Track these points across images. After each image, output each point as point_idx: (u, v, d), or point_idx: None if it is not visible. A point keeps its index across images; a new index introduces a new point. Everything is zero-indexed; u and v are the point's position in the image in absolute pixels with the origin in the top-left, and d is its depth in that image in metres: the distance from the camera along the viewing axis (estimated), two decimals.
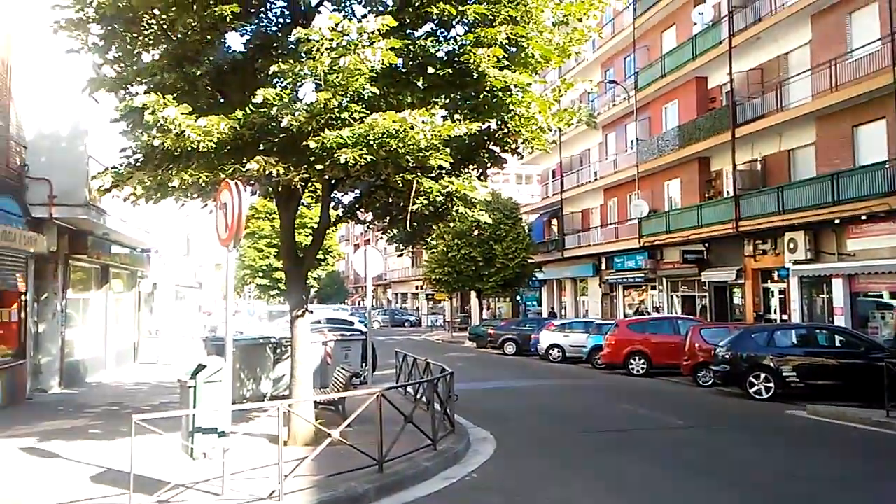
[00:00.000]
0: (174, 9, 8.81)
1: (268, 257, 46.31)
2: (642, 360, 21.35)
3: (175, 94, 8.88)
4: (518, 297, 44.09)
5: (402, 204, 9.79)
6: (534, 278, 40.28)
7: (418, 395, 12.08)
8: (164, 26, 9.52)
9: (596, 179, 36.28)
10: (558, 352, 26.77)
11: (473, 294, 44.09)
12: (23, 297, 14.89)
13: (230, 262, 7.77)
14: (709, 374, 17.81)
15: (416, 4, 9.11)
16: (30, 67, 15.05)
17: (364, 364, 15.52)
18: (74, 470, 8.46)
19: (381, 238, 13.00)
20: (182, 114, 8.18)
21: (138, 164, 10.06)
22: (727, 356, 16.37)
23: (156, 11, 9.25)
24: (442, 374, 11.15)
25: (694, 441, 11.10)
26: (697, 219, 26.26)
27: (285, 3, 10.09)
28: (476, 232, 35.77)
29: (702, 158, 27.35)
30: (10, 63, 14.24)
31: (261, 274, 47.41)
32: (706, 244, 26.76)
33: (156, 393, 16.00)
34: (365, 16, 9.67)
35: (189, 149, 8.32)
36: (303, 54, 8.41)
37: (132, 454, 6.48)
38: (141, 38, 9.89)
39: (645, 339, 21.60)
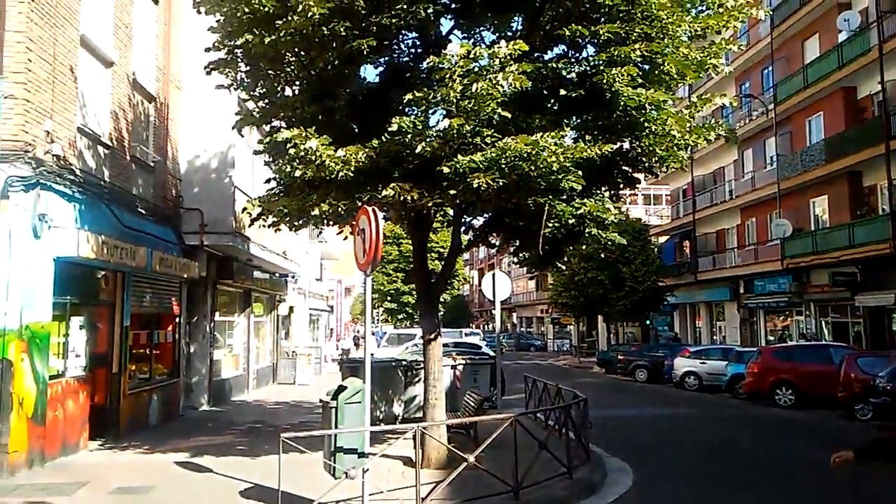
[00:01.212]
0: (315, 46, 9.26)
1: (395, 281, 47.45)
2: (789, 391, 19.93)
3: (314, 127, 9.30)
4: (648, 322, 42.62)
5: (533, 227, 9.72)
6: (665, 302, 38.84)
7: (549, 422, 11.86)
8: (305, 62, 10.02)
9: (732, 199, 34.61)
10: (694, 379, 25.55)
11: (601, 318, 43.07)
12: (177, 320, 16.02)
13: (368, 286, 7.98)
14: (867, 407, 16.37)
15: (547, 27, 9.10)
16: (180, 103, 16.35)
17: (493, 388, 15.46)
18: (225, 484, 8.94)
19: (513, 263, 12.95)
20: (322, 145, 8.56)
21: (281, 193, 10.62)
22: (889, 387, 14.98)
23: (298, 49, 9.77)
24: (575, 400, 10.89)
25: (856, 482, 10.18)
26: (849, 238, 24.39)
27: (417, 35, 10.37)
28: (603, 254, 35.01)
29: (852, 173, 25.43)
30: (167, 101, 15.49)
31: (389, 298, 48.60)
32: (859, 266, 24.74)
33: (294, 412, 16.67)
34: (494, 41, 9.77)
35: (329, 178, 8.68)
36: (434, 82, 8.60)
37: (280, 471, 6.75)
38: (283, 74, 10.47)
39: (792, 368, 20.15)
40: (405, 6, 8.76)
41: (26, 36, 9.70)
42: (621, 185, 10.81)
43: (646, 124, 9.06)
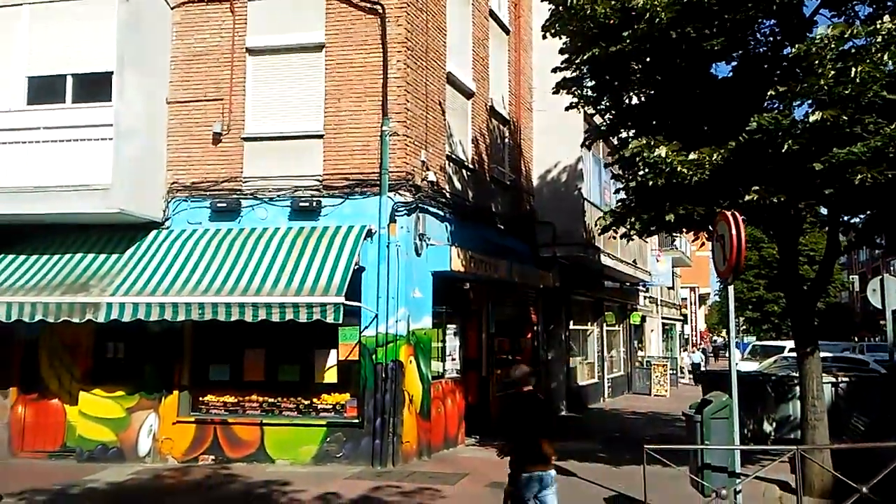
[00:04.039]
0: (662, 51, 9.07)
1: (756, 289, 43.94)
2: None
3: (662, 133, 9.09)
4: None
5: None
6: None
7: None
8: (652, 68, 9.87)
9: None
10: None
11: None
12: (535, 328, 16.93)
13: (730, 295, 7.51)
14: None
15: None
16: (531, 123, 17.31)
17: (889, 412, 13.32)
18: (589, 489, 9.16)
19: None
20: (672, 151, 8.33)
21: (632, 203, 10.57)
22: None
23: (644, 56, 9.66)
24: None
25: None
26: None
27: (775, 21, 9.52)
28: None
29: None
30: (520, 123, 16.53)
31: (750, 307, 45.18)
32: None
33: (652, 423, 16.41)
34: (872, 14, 8.55)
35: (682, 183, 8.40)
36: (800, 71, 7.81)
37: (644, 482, 6.68)
38: (628, 83, 10.45)
39: None
40: None
41: (404, 80, 11.16)
42: None
43: None
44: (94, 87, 10.82)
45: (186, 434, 11.09)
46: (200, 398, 11.33)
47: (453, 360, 12.89)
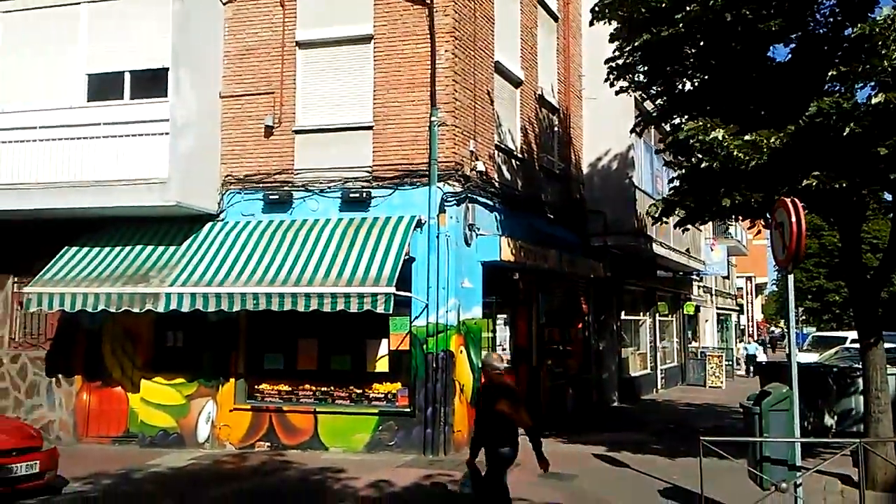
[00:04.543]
0: (717, 34, 8.84)
1: (816, 278, 42.63)
2: None
3: (718, 118, 8.87)
4: None
5: None
6: None
7: None
8: (705, 52, 9.64)
9: None
10: None
11: None
12: (586, 318, 16.77)
13: (789, 284, 7.30)
14: None
15: None
16: (580, 111, 17.08)
17: None
18: (642, 481, 9.06)
19: None
20: (728, 134, 8.14)
21: (685, 189, 10.36)
22: None
23: (698, 39, 9.43)
24: None
25: None
26: None
27: (834, 1, 9.18)
28: None
29: None
30: (569, 111, 16.32)
31: (809, 297, 43.87)
32: None
33: (706, 415, 16.13)
34: None
35: (738, 168, 8.19)
36: (862, 53, 7.53)
37: (701, 474, 6.57)
38: (681, 68, 10.23)
39: None
40: None
41: (452, 70, 11.13)
42: None
43: None
44: (151, 83, 11.12)
45: (243, 421, 11.36)
46: (256, 386, 11.58)
47: (504, 350, 12.87)
